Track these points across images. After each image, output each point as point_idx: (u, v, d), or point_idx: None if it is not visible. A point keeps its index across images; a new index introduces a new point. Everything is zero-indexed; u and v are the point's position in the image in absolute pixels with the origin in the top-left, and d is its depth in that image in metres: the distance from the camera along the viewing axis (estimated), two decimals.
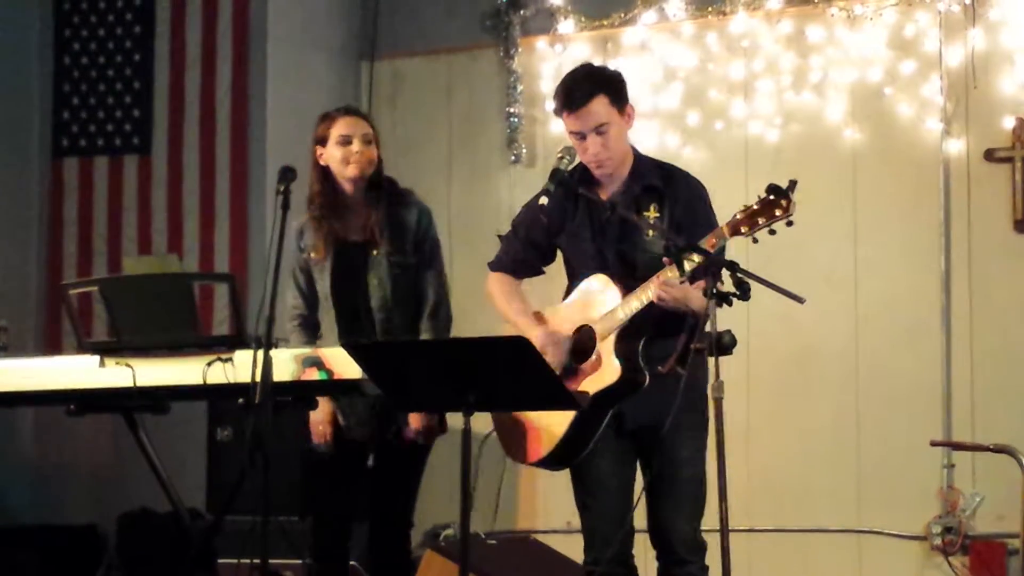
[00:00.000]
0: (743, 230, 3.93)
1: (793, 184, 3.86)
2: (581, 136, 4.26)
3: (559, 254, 4.48)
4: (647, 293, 4.10)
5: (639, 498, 4.27)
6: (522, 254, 4.52)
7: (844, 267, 6.48)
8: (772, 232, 3.92)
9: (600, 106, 4.23)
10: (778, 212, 3.87)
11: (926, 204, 6.37)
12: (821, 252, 6.50)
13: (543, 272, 4.56)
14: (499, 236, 4.56)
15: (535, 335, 4.24)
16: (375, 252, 4.81)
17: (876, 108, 6.45)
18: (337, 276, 4.83)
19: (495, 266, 4.58)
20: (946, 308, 6.32)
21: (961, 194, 6.33)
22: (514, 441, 4.41)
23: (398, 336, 4.77)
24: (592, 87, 4.24)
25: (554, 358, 4.22)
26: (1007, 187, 6.25)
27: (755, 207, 3.91)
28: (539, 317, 4.41)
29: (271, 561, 4.48)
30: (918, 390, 6.33)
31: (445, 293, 4.86)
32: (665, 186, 4.28)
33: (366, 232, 4.82)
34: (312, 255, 4.85)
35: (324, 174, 4.85)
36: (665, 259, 4.04)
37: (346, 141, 4.80)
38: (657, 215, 4.18)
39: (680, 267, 3.97)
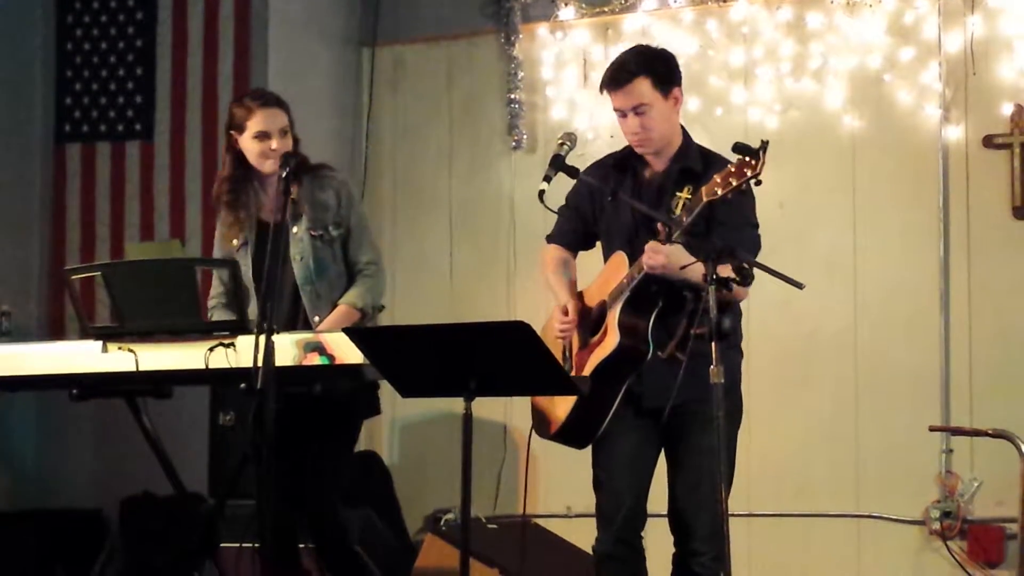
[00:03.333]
0: (718, 191, 3.92)
1: (765, 144, 3.86)
2: (622, 114, 4.34)
3: None
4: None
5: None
6: (570, 225, 4.59)
7: (843, 253, 6.48)
8: (741, 191, 3.93)
9: (642, 87, 4.29)
10: (748, 171, 3.87)
11: (925, 190, 6.36)
12: (820, 239, 6.52)
13: (594, 245, 4.61)
14: (556, 210, 4.54)
15: (569, 306, 4.37)
16: (295, 229, 4.82)
17: (875, 95, 6.45)
18: (260, 258, 4.81)
19: (550, 239, 4.66)
20: (945, 294, 6.32)
21: (960, 180, 6.33)
22: (539, 415, 4.48)
23: (324, 306, 4.81)
24: (637, 68, 4.30)
25: (577, 333, 4.35)
26: (1006, 173, 6.24)
27: (731, 168, 3.91)
28: (580, 295, 4.48)
29: None
30: (917, 376, 6.33)
31: (377, 257, 4.89)
32: (703, 170, 4.28)
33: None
34: (234, 242, 4.87)
35: (239, 160, 4.84)
36: (659, 226, 4.10)
37: (264, 136, 4.79)
38: (688, 196, 4.19)
39: (669, 233, 4.04)
